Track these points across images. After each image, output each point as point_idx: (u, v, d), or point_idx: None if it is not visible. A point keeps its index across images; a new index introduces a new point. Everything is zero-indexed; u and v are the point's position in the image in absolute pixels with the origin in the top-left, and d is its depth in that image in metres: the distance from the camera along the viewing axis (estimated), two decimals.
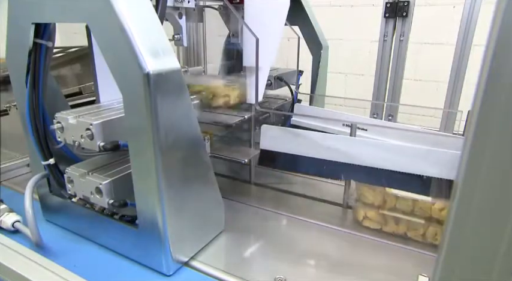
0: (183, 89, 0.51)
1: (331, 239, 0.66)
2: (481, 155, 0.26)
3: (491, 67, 0.21)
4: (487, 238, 0.29)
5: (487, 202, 0.28)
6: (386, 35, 1.24)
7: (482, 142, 0.25)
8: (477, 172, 0.26)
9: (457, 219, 0.29)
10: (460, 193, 0.28)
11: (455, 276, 0.32)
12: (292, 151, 0.71)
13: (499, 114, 0.23)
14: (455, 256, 0.31)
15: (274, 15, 0.74)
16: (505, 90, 0.22)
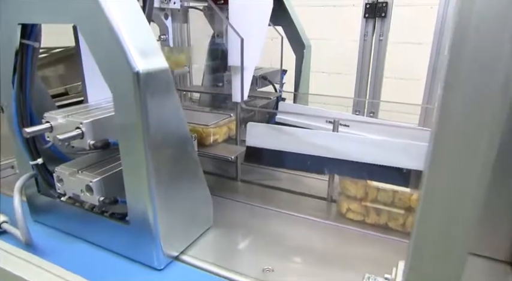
0: (171, 88, 0.52)
1: (316, 231, 0.69)
2: (443, 147, 0.28)
3: (449, 67, 0.24)
4: (448, 222, 0.32)
5: (448, 189, 0.30)
6: (366, 34, 1.28)
7: (444, 134, 0.28)
8: (440, 162, 0.29)
9: (424, 206, 0.32)
10: (427, 182, 0.31)
11: (423, 258, 0.35)
12: (278, 147, 0.73)
13: (457, 111, 0.26)
14: (423, 238, 0.33)
15: (258, 15, 0.76)
16: (462, 88, 0.24)
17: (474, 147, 0.27)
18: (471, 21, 0.22)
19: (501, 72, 0.23)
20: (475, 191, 0.29)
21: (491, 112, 0.24)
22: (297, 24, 1.09)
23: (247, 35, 0.73)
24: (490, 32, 0.23)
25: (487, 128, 0.25)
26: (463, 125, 0.26)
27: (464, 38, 0.23)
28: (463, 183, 0.29)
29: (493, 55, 0.23)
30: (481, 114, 0.25)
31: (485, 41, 0.23)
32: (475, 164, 0.28)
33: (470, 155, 0.28)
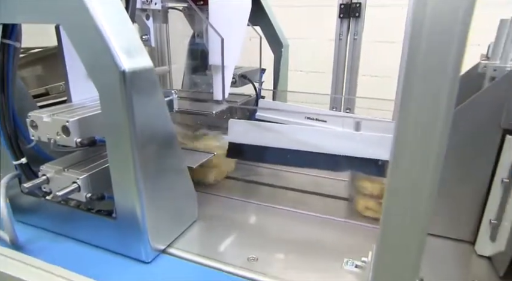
0: (156, 87, 0.54)
1: (299, 222, 0.72)
2: (405, 137, 0.32)
3: (408, 64, 0.28)
4: (409, 204, 0.35)
5: (410, 175, 0.34)
6: (341, 34, 1.33)
7: (405, 125, 0.31)
8: (403, 151, 0.33)
9: (390, 191, 0.36)
10: (392, 169, 0.35)
11: (389, 239, 0.38)
12: (259, 143, 0.76)
13: (415, 104, 0.30)
14: (389, 221, 0.37)
15: (237, 16, 0.79)
16: (418, 84, 0.28)
17: (429, 135, 0.31)
18: (424, 22, 0.26)
19: (450, 68, 0.27)
20: (431, 175, 0.33)
21: (442, 103, 0.28)
22: (275, 24, 1.13)
23: (227, 34, 0.76)
24: (441, 32, 0.26)
25: (439, 118, 0.29)
26: (420, 115, 0.30)
27: (419, 37, 0.26)
28: (421, 169, 0.33)
29: (443, 53, 0.27)
30: (435, 105, 0.29)
31: (437, 41, 0.26)
32: (431, 151, 0.31)
33: (427, 143, 0.31)
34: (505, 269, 0.54)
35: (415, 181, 0.34)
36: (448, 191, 0.61)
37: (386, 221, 0.38)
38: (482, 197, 0.59)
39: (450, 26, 0.26)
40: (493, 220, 0.56)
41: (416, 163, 0.33)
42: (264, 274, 0.56)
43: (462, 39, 0.26)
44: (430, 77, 0.28)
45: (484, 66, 0.63)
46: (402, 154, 0.34)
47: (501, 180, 0.55)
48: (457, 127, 0.57)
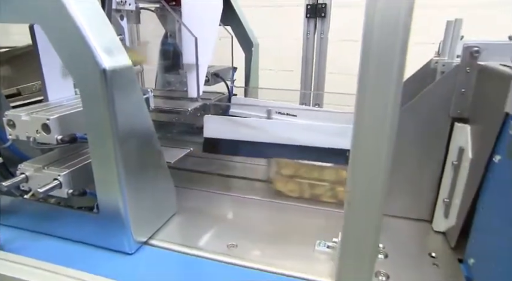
0: (135, 84, 0.57)
1: (275, 210, 0.77)
2: (361, 127, 0.37)
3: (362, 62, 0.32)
4: (367, 188, 0.41)
5: (367, 160, 0.39)
6: (308, 33, 1.39)
7: (361, 117, 0.36)
8: (359, 140, 0.38)
9: (351, 176, 0.41)
10: (352, 156, 0.40)
11: (352, 221, 0.44)
12: (233, 137, 0.80)
13: (369, 97, 0.35)
14: (351, 206, 0.42)
15: (209, 16, 0.82)
16: (371, 80, 0.33)
17: (382, 123, 0.36)
18: (375, 23, 0.31)
19: (395, 63, 0.32)
20: (385, 159, 0.38)
21: (391, 95, 0.33)
22: (245, 24, 1.17)
23: (200, 34, 0.79)
24: (388, 33, 0.31)
25: (388, 107, 0.34)
26: (373, 106, 0.35)
27: (371, 38, 0.31)
28: (376, 153, 0.38)
29: (389, 51, 0.32)
30: (384, 97, 0.34)
31: (385, 42, 0.31)
32: (383, 137, 0.37)
33: (380, 130, 0.36)
34: (456, 241, 0.61)
35: (372, 165, 0.39)
36: (408, 176, 0.68)
37: (349, 203, 0.43)
38: (437, 180, 0.66)
39: (394, 28, 0.31)
40: (446, 199, 0.63)
41: (372, 149, 0.38)
42: (244, 259, 0.60)
43: (405, 40, 0.31)
44: (380, 74, 0.33)
45: (436, 62, 0.70)
46: (360, 141, 0.39)
47: (452, 163, 0.61)
48: (414, 117, 0.64)
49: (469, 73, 0.58)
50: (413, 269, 0.57)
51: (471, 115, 0.59)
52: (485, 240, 0.52)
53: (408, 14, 0.30)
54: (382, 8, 0.31)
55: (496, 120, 0.49)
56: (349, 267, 0.47)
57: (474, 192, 0.55)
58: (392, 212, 0.71)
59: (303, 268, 0.58)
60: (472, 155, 0.56)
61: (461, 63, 0.58)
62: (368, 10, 0.31)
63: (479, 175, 0.54)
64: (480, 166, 0.53)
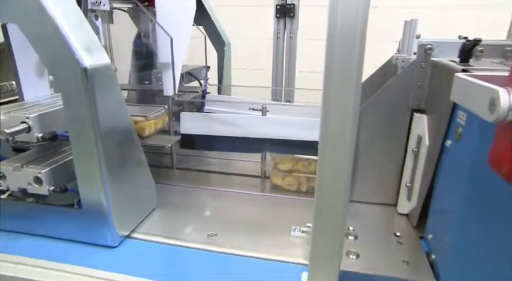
0: (114, 82, 0.59)
1: (249, 201, 0.81)
2: (327, 120, 0.42)
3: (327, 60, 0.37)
4: (334, 176, 0.45)
5: (334, 152, 0.44)
6: (278, 32, 1.44)
7: (327, 111, 0.41)
8: (326, 132, 0.42)
9: (320, 166, 0.45)
10: (320, 148, 0.44)
11: (322, 207, 0.48)
12: (209, 132, 0.83)
13: (334, 92, 0.39)
14: (320, 192, 0.47)
15: (183, 16, 0.85)
16: (335, 72, 0.37)
17: (345, 115, 0.41)
18: (337, 23, 0.35)
19: (355, 59, 0.36)
20: (349, 149, 0.43)
21: (352, 87, 0.38)
22: (217, 24, 1.20)
23: (174, 34, 0.81)
24: (348, 31, 0.36)
25: (351, 99, 0.39)
26: (337, 99, 0.39)
27: (334, 36, 0.35)
28: (341, 144, 0.43)
29: (350, 48, 0.36)
30: (347, 90, 0.38)
31: (346, 40, 0.36)
32: (347, 128, 0.41)
33: (343, 122, 0.41)
34: (417, 221, 0.67)
35: (337, 155, 0.44)
36: (374, 164, 0.73)
37: (319, 190, 0.47)
38: (400, 166, 0.72)
39: (353, 30, 0.36)
40: (408, 184, 0.69)
41: (337, 140, 0.43)
42: (223, 246, 0.64)
43: (362, 39, 0.36)
44: (342, 70, 0.37)
45: (396, 59, 0.76)
46: (327, 134, 0.43)
47: (412, 150, 0.67)
48: (378, 109, 0.69)
49: (424, 68, 0.64)
50: (380, 247, 0.63)
51: (427, 106, 0.66)
52: (440, 217, 0.58)
53: (364, 14, 0.34)
54: (343, 8, 0.35)
55: (446, 110, 0.55)
56: (320, 248, 0.51)
57: (431, 175, 0.62)
58: (362, 198, 0.77)
59: (279, 252, 0.62)
60: (429, 142, 0.62)
61: (417, 59, 0.64)
62: (331, 11, 0.35)
63: (435, 159, 0.60)
64: (435, 151, 0.59)
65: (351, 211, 0.73)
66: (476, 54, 0.59)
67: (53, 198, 0.66)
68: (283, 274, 0.57)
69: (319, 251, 0.52)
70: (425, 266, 0.57)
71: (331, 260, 0.52)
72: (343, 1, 0.36)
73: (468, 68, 0.52)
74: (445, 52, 0.63)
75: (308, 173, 0.82)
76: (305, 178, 0.83)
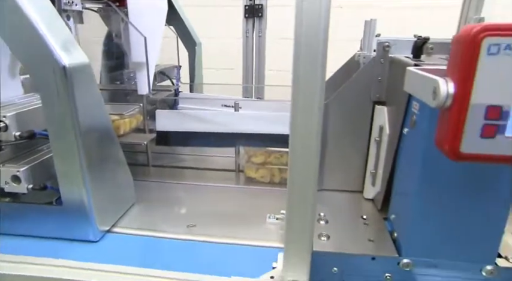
0: (93, 80, 0.61)
1: (227, 194, 0.84)
2: (296, 114, 0.46)
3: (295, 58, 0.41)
4: (303, 164, 0.50)
5: (303, 144, 0.48)
6: (247, 32, 1.48)
7: (296, 105, 0.45)
8: (295, 125, 0.47)
9: (291, 157, 0.49)
10: (291, 140, 0.49)
11: (293, 194, 0.52)
12: (185, 129, 0.85)
13: (302, 87, 0.44)
14: (292, 180, 0.51)
15: (155, 16, 0.87)
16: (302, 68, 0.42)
17: (311, 109, 0.45)
18: (303, 22, 0.40)
19: (319, 56, 0.41)
20: (316, 140, 0.48)
21: (317, 81, 0.43)
22: (187, 24, 1.22)
23: (147, 33, 0.83)
24: (312, 31, 0.40)
25: (316, 93, 0.44)
26: (305, 93, 0.44)
27: (300, 35, 0.40)
28: (309, 134, 0.47)
29: (314, 45, 0.41)
30: (314, 83, 0.43)
31: (310, 37, 0.40)
32: (313, 119, 0.46)
33: (310, 114, 0.46)
34: (381, 204, 0.73)
35: (306, 146, 0.49)
36: (341, 154, 0.79)
37: (291, 179, 0.51)
38: (365, 155, 0.78)
39: (316, 28, 0.40)
40: (372, 171, 0.75)
41: (305, 132, 0.47)
42: (203, 235, 0.67)
43: (325, 36, 0.40)
44: (308, 67, 0.42)
45: (358, 55, 0.82)
46: (296, 127, 0.48)
47: (374, 139, 0.73)
48: (343, 102, 0.75)
49: (383, 64, 0.70)
50: (348, 229, 0.68)
51: (387, 98, 0.72)
52: (401, 199, 0.64)
53: (326, 15, 0.39)
54: (307, 8, 0.40)
55: (403, 101, 0.60)
56: (294, 231, 0.56)
57: (392, 162, 0.68)
58: (331, 187, 0.82)
59: (256, 238, 0.66)
60: (389, 131, 0.68)
61: (376, 56, 0.70)
62: (297, 11, 0.39)
63: (394, 146, 0.66)
64: (395, 139, 0.65)
65: (322, 198, 0.78)
66: (428, 51, 0.66)
67: (30, 197, 0.66)
68: (260, 257, 0.61)
69: (293, 234, 0.56)
70: (389, 243, 0.63)
71: (304, 242, 0.56)
72: (308, 1, 0.40)
73: (419, 63, 0.58)
74: (400, 49, 0.69)
75: (280, 165, 0.86)
76: (278, 170, 0.87)
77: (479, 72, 0.35)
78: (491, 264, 0.57)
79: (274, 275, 0.55)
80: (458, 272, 0.58)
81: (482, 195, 0.53)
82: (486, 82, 0.35)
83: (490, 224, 0.55)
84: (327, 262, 0.61)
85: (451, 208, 0.55)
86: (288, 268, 0.54)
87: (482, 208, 0.54)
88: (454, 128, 0.37)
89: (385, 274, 0.60)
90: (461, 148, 0.38)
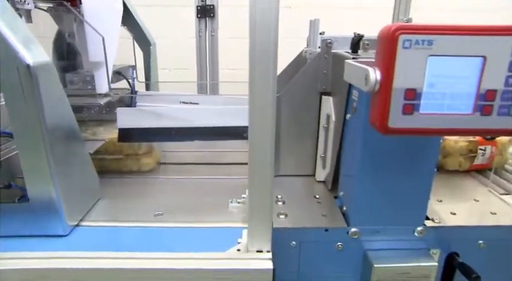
0: (56, 78, 0.63)
1: (192, 185, 0.88)
2: (253, 107, 0.52)
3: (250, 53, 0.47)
4: (260, 152, 0.56)
5: (261, 133, 0.55)
6: (200, 32, 1.52)
7: (253, 99, 0.52)
8: (253, 117, 0.53)
9: (251, 146, 0.56)
10: (250, 130, 0.55)
11: (254, 180, 0.59)
12: (146, 125, 0.88)
13: (258, 81, 0.50)
14: (252, 167, 0.57)
15: (111, 16, 0.89)
16: (258, 67, 0.48)
17: (264, 101, 0.52)
18: (256, 21, 0.46)
19: (271, 54, 0.48)
20: (271, 127, 0.54)
21: (269, 78, 0.49)
22: (141, 24, 1.24)
23: (103, 34, 0.85)
24: (264, 32, 0.47)
25: (269, 87, 0.50)
26: (259, 88, 0.50)
27: (254, 34, 0.46)
28: (265, 124, 0.54)
29: (267, 43, 0.47)
30: (267, 81, 0.50)
31: (263, 36, 0.47)
32: (268, 111, 0.53)
33: (265, 106, 0.52)
34: (331, 185, 0.81)
35: (262, 134, 0.55)
36: (294, 142, 0.86)
37: (251, 166, 0.58)
38: (315, 142, 0.86)
39: (268, 26, 0.47)
40: (322, 155, 0.84)
41: (262, 123, 0.54)
42: (171, 222, 0.71)
43: (275, 36, 0.47)
44: (262, 62, 0.48)
45: (305, 52, 0.91)
46: (254, 118, 0.54)
47: (323, 126, 0.82)
48: (293, 94, 0.82)
49: (327, 59, 0.78)
50: (303, 208, 0.76)
51: (332, 89, 0.80)
52: (347, 177, 0.73)
53: (276, 17, 0.46)
54: (260, 8, 0.46)
55: (345, 90, 0.69)
56: (256, 211, 0.62)
57: (338, 145, 0.76)
58: (286, 172, 0.89)
59: (220, 220, 0.72)
60: (335, 118, 0.77)
61: (321, 52, 0.79)
62: (251, 11, 0.46)
63: (340, 132, 0.75)
64: (340, 125, 0.74)
65: (279, 183, 0.85)
66: (364, 47, 0.75)
67: None
68: (225, 236, 0.67)
69: (254, 214, 0.62)
70: (339, 216, 0.72)
71: (265, 217, 0.62)
72: (260, 2, 0.47)
73: (356, 57, 0.67)
74: (342, 45, 0.78)
75: None
76: None
77: (397, 62, 0.43)
78: (421, 225, 0.67)
79: (241, 248, 0.61)
80: (396, 235, 0.68)
81: (411, 168, 0.63)
82: (403, 70, 0.44)
83: (419, 192, 0.66)
84: (286, 237, 0.68)
85: (387, 181, 0.65)
86: (252, 240, 0.60)
87: (412, 179, 0.64)
88: (382, 108, 0.46)
89: (337, 243, 0.69)
90: (389, 124, 0.46)
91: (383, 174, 0.64)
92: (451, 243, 0.69)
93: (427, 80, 0.45)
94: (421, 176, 0.65)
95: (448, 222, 0.69)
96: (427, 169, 0.64)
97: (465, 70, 0.44)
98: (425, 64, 0.44)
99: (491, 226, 0.68)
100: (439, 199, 0.78)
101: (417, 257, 0.67)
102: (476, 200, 0.78)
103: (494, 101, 0.45)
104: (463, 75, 0.45)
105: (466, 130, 0.47)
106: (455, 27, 0.43)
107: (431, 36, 0.43)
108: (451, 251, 0.69)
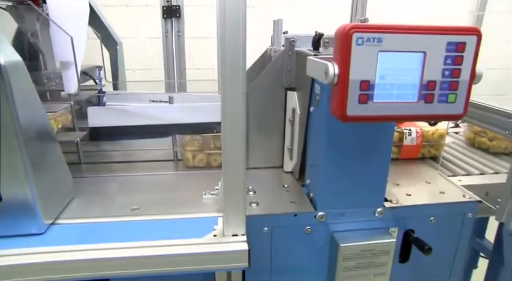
0: (28, 77, 0.63)
1: (166, 180, 0.91)
2: (225, 104, 0.57)
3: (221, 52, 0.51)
4: (232, 145, 0.61)
5: (233, 127, 0.59)
6: (167, 32, 1.54)
7: (225, 95, 0.56)
8: (225, 112, 0.57)
9: (224, 140, 0.60)
10: (223, 124, 0.59)
11: (228, 172, 0.63)
12: (117, 124, 0.90)
13: (226, 79, 0.54)
14: (226, 159, 0.61)
15: (77, 16, 0.89)
16: (228, 66, 0.53)
17: (235, 98, 0.56)
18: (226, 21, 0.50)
19: (240, 54, 0.52)
20: (241, 122, 0.59)
21: (239, 77, 0.54)
22: (106, 24, 1.24)
23: (70, 33, 0.86)
24: (232, 32, 0.51)
25: (240, 85, 0.55)
26: (230, 85, 0.55)
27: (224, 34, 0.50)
28: (236, 118, 0.58)
29: (235, 42, 0.52)
30: (236, 79, 0.54)
31: (231, 36, 0.51)
32: (239, 106, 0.57)
33: (235, 107, 0.57)
34: (299, 174, 0.87)
35: (235, 129, 0.59)
36: (263, 136, 0.91)
37: (225, 158, 0.62)
38: (282, 135, 0.92)
39: (237, 29, 0.51)
40: (289, 147, 0.89)
41: (233, 118, 0.58)
42: (147, 215, 0.74)
43: (243, 35, 0.51)
44: (232, 60, 0.53)
45: (270, 50, 0.95)
46: (227, 114, 0.58)
47: (289, 120, 0.87)
48: (260, 90, 0.87)
49: (291, 56, 0.84)
50: (273, 196, 0.81)
51: (296, 84, 0.86)
52: (313, 166, 0.79)
53: (243, 18, 0.50)
54: (229, 9, 0.50)
55: (308, 85, 0.75)
56: (230, 200, 0.66)
57: (304, 137, 0.82)
58: (256, 165, 0.94)
59: (195, 211, 0.75)
60: (300, 111, 0.83)
61: (285, 50, 0.84)
62: (220, 11, 0.50)
63: (305, 124, 0.80)
64: (305, 118, 0.80)
65: (249, 175, 0.89)
66: (325, 44, 0.81)
67: None
68: (201, 225, 0.70)
69: (229, 203, 0.66)
70: (307, 203, 0.77)
71: (238, 208, 0.66)
72: (229, 3, 0.51)
73: (317, 54, 0.72)
74: (304, 43, 0.84)
75: (214, 149, 0.96)
76: (212, 154, 0.96)
77: (352, 57, 0.49)
78: (380, 206, 0.74)
79: (217, 234, 0.65)
80: (359, 217, 0.75)
81: (370, 154, 0.70)
82: (357, 64, 0.49)
83: (377, 176, 0.72)
84: (259, 223, 0.73)
85: (349, 167, 0.71)
86: (228, 226, 0.64)
87: (371, 164, 0.71)
88: (341, 98, 0.51)
89: (306, 227, 0.74)
90: (347, 112, 0.52)
91: (345, 161, 0.71)
92: (407, 221, 0.76)
93: (379, 72, 0.51)
94: (379, 162, 0.71)
95: (404, 202, 0.76)
96: (384, 155, 0.71)
97: (410, 64, 0.51)
98: (376, 59, 0.50)
99: (440, 203, 0.77)
100: (396, 183, 0.85)
101: (378, 235, 0.74)
102: (427, 182, 0.87)
103: (434, 90, 0.52)
104: (408, 68, 0.51)
105: (413, 116, 0.54)
106: (400, 27, 0.49)
107: (381, 35, 0.49)
108: (407, 229, 0.77)
